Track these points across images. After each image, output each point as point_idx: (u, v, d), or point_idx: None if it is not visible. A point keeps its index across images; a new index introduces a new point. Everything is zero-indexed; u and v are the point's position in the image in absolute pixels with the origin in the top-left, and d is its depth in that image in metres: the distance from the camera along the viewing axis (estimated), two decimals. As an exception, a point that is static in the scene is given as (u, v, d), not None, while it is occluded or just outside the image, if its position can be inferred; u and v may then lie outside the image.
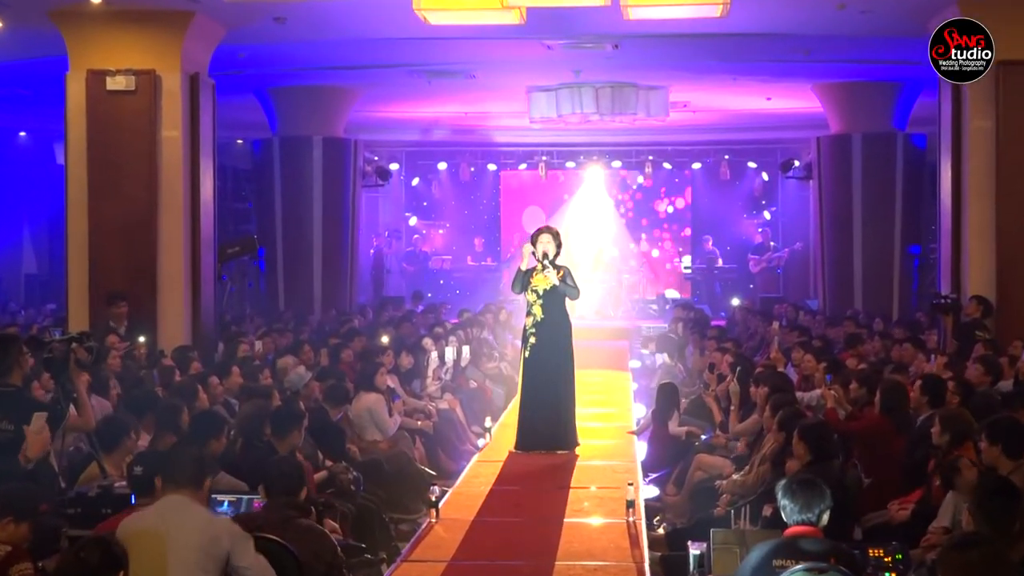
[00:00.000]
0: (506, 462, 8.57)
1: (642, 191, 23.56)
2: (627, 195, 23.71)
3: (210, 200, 11.85)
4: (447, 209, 24.06)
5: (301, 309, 16.15)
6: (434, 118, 20.07)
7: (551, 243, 8.82)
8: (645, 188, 23.42)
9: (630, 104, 15.98)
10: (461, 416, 11.01)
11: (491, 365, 13.61)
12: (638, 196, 23.65)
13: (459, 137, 22.15)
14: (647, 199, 23.66)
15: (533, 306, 8.82)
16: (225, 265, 14.55)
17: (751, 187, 23.27)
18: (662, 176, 23.30)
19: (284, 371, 9.88)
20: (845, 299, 16.50)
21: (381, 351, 10.74)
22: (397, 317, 15.21)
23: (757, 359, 11.21)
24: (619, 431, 10.01)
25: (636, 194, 23.65)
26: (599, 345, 16.73)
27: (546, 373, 8.75)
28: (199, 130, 11.49)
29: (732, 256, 22.43)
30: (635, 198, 23.71)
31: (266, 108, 17.18)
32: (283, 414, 6.78)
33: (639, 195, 23.65)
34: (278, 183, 17.08)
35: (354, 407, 9.20)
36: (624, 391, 12.67)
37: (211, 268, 11.88)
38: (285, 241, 17.03)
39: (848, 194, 16.63)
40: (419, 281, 22.08)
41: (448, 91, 16.89)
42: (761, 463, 7.16)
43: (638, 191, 23.60)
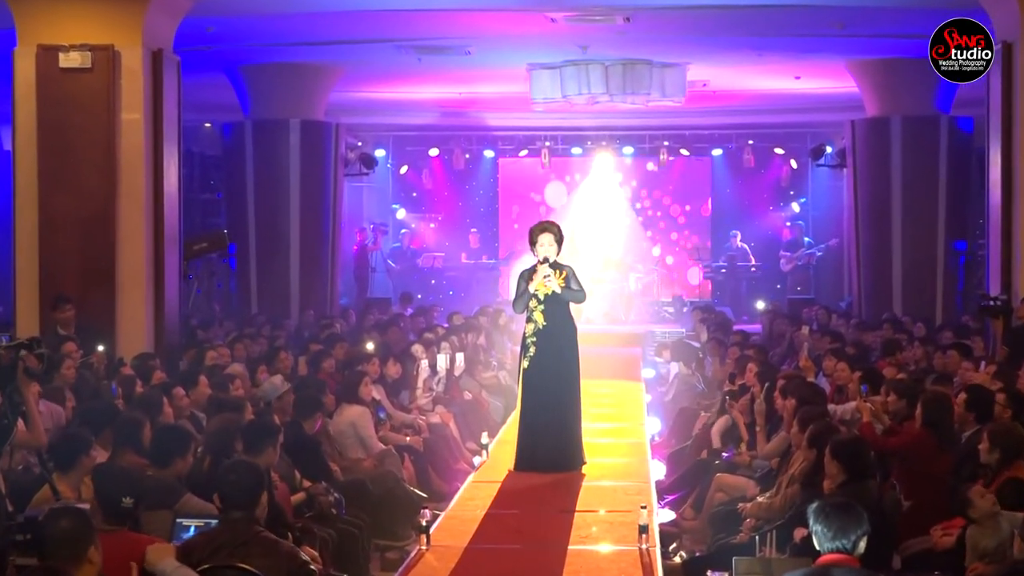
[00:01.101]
0: (504, 483, 8.56)
1: (656, 179, 23.58)
2: (639, 184, 23.73)
3: (175, 190, 11.85)
4: (439, 200, 24.08)
5: (276, 312, 16.15)
6: (425, 99, 20.07)
7: (552, 244, 8.77)
8: (660, 176, 23.43)
9: (643, 84, 15.99)
10: (455, 431, 10.99)
11: (488, 375, 13.60)
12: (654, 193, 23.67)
13: (452, 121, 22.16)
14: (662, 188, 23.68)
15: (534, 312, 8.78)
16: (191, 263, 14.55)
17: (778, 176, 23.28)
18: (679, 164, 23.31)
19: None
20: (882, 301, 16.51)
21: (366, 359, 10.73)
22: (383, 321, 15.20)
23: (784, 367, 11.21)
24: (630, 448, 10.01)
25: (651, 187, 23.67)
26: (608, 352, 16.71)
27: (548, 384, 8.73)
28: (162, 112, 11.48)
29: (757, 253, 22.46)
30: (649, 188, 23.73)
31: (237, 88, 17.18)
32: (256, 429, 6.78)
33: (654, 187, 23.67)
34: (251, 171, 17.08)
35: (335, 421, 9.19)
36: (636, 404, 12.66)
37: (176, 266, 11.88)
38: (258, 236, 17.04)
39: (886, 184, 16.64)
40: (408, 281, 22.08)
41: (440, 69, 16.90)
42: (789, 484, 7.16)
43: (652, 180, 23.62)
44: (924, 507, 6.89)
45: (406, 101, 20.23)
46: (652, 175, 23.63)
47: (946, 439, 7.32)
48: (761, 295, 20.76)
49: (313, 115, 17.27)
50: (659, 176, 23.55)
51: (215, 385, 8.79)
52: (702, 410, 11.65)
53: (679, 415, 12.14)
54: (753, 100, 20.15)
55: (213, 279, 19.10)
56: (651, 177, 23.68)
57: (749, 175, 23.16)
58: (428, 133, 23.27)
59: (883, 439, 7.50)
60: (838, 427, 7.39)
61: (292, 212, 17.01)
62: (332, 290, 17.62)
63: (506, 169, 24.12)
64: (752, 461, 8.67)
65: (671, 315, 21.27)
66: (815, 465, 6.67)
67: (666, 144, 22.51)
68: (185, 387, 8.47)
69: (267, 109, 17.05)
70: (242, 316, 16.29)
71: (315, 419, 8.25)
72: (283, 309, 16.59)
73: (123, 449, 6.56)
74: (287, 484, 7.22)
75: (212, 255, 16.87)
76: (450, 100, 20.03)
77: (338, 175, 17.71)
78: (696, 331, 15.55)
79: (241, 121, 17.29)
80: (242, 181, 17.16)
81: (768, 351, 12.41)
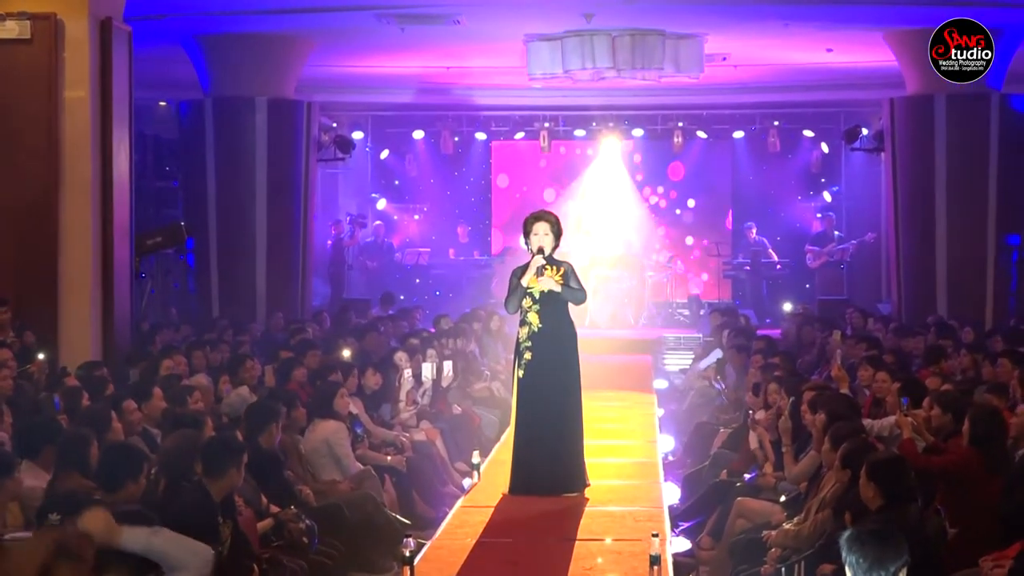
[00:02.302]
0: (498, 508, 8.56)
1: (670, 166, 23.61)
2: (651, 171, 23.76)
3: (126, 178, 11.85)
4: (424, 189, 24.09)
5: (240, 315, 16.14)
6: (408, 75, 20.06)
7: (548, 234, 8.78)
8: (674, 162, 23.46)
9: (655, 57, 15.99)
10: (442, 450, 11.00)
11: (480, 386, 13.61)
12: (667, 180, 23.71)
13: (439, 99, 22.17)
14: (676, 175, 23.71)
15: (528, 313, 8.78)
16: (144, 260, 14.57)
17: (807, 162, 23.31)
18: (695, 148, 23.35)
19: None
20: (925, 302, 16.54)
21: (342, 368, 10.74)
22: (362, 325, 15.20)
23: (814, 378, 11.22)
24: (640, 468, 10.02)
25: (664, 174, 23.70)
26: (615, 360, 16.72)
27: (546, 395, 8.73)
28: (111, 90, 11.48)
29: (783, 248, 22.48)
30: (661, 175, 23.76)
31: (196, 62, 17.17)
32: (217, 447, 6.78)
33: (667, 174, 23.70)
34: (211, 156, 17.08)
35: (308, 439, 9.19)
36: (647, 418, 12.67)
37: (127, 264, 11.87)
38: (220, 229, 17.04)
39: (929, 170, 16.66)
40: (389, 280, 22.08)
41: (426, 41, 16.89)
42: (819, 509, 7.17)
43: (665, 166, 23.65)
44: (972, 535, 6.90)
45: (387, 76, 20.22)
46: (665, 161, 23.65)
47: (997, 458, 7.33)
48: (787, 296, 20.79)
49: (282, 92, 17.27)
50: (673, 162, 23.56)
51: (171, 398, 8.79)
52: (721, 425, 11.66)
53: (695, 431, 12.16)
54: (779, 76, 20.16)
55: (168, 278, 19.09)
56: (664, 163, 23.70)
57: (775, 160, 23.19)
58: (412, 113, 23.25)
59: (926, 458, 7.51)
60: (875, 445, 7.40)
61: (258, 202, 17.01)
62: (303, 290, 17.62)
63: (500, 153, 24.14)
64: (778, 484, 8.68)
65: (686, 318, 21.29)
66: (849, 488, 6.68)
67: (681, 126, 22.52)
68: (137, 400, 8.47)
69: (229, 86, 17.04)
70: (202, 320, 16.28)
71: (271, 432, 8.20)
72: (248, 312, 16.59)
73: (67, 471, 6.56)
74: (253, 509, 7.22)
75: (168, 251, 16.87)
76: (437, 76, 20.03)
77: (310, 160, 17.70)
78: (714, 337, 15.57)
79: (200, 99, 17.28)
80: (201, 167, 17.15)
81: (796, 359, 12.42)
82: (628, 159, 23.69)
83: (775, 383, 9.82)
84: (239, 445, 6.96)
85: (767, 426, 9.36)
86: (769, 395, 9.77)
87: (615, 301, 20.97)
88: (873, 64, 18.38)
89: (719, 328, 15.50)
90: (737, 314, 17.22)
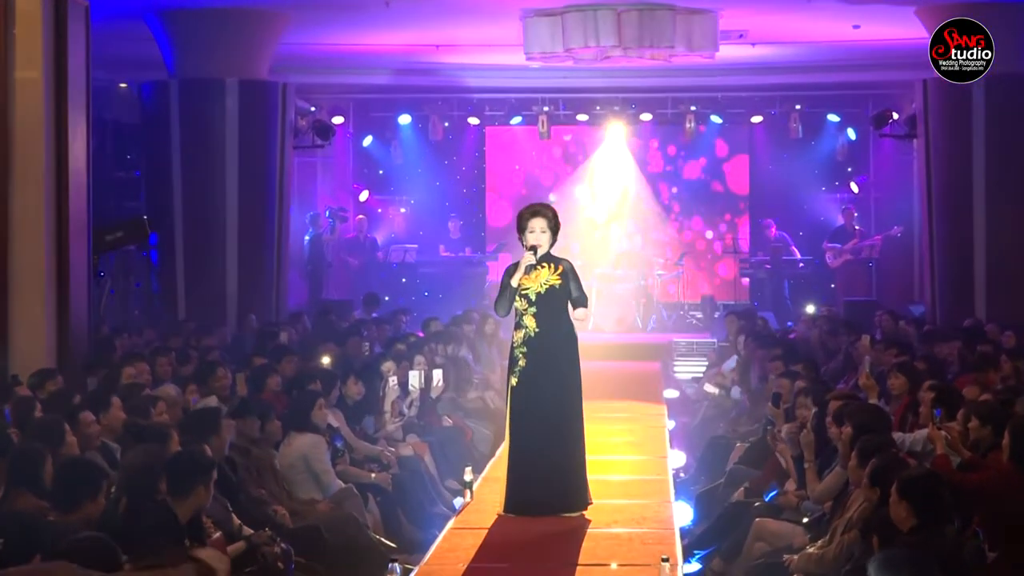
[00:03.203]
0: (492, 529, 8.57)
1: (682, 153, 23.62)
2: (661, 160, 23.77)
3: (83, 166, 11.83)
4: (412, 180, 24.07)
5: (209, 318, 16.13)
6: (394, 53, 20.05)
7: (544, 231, 8.78)
8: (686, 150, 23.47)
9: (665, 34, 15.97)
10: (431, 466, 10.99)
11: (473, 396, 13.60)
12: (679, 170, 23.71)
13: (428, 80, 22.15)
14: (688, 164, 23.72)
15: (523, 316, 8.78)
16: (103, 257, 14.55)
17: (832, 149, 23.31)
18: (710, 134, 23.34)
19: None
20: (962, 304, 16.52)
21: (321, 376, 10.74)
22: (343, 329, 15.18)
23: (840, 387, 11.22)
24: (648, 486, 10.02)
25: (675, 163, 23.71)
26: (621, 368, 16.74)
27: (544, 407, 8.73)
28: (66, 70, 11.46)
29: (806, 245, 22.48)
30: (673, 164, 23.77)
31: (160, 39, 17.15)
32: (184, 464, 6.78)
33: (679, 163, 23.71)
34: (177, 143, 17.05)
35: (283, 453, 9.19)
36: (656, 431, 12.68)
37: (84, 261, 11.86)
38: (187, 223, 17.01)
39: (967, 158, 16.65)
40: (372, 279, 22.07)
41: (413, 15, 16.87)
42: (846, 530, 7.17)
43: (676, 154, 23.66)
44: (1013, 559, 6.90)
45: (371, 55, 20.21)
46: (676, 148, 23.67)
47: (1040, 475, 7.34)
48: (811, 297, 20.79)
49: (254, 73, 17.25)
50: (685, 149, 23.57)
51: (133, 409, 8.78)
52: (737, 439, 11.67)
53: (709, 446, 12.17)
54: (801, 54, 20.15)
55: (130, 277, 19.05)
56: (675, 150, 23.72)
57: (796, 148, 23.18)
58: (398, 96, 23.25)
59: (962, 475, 7.51)
60: (907, 460, 7.40)
61: (228, 194, 16.98)
62: (278, 291, 17.61)
63: (495, 140, 24.13)
64: (800, 503, 8.68)
65: (700, 322, 21.29)
66: (878, 508, 6.68)
67: (694, 110, 22.51)
68: (95, 411, 8.46)
69: (197, 66, 17.02)
70: (166, 323, 16.27)
71: (215, 442, 8.13)
72: (218, 314, 16.57)
73: (17, 489, 6.55)
74: (223, 531, 7.21)
75: (129, 247, 16.83)
76: (425, 54, 20.01)
77: (286, 148, 17.68)
78: (731, 342, 15.58)
79: (164, 81, 17.25)
80: (166, 155, 17.12)
81: (820, 366, 12.43)
82: (635, 146, 23.68)
83: (802, 382, 9.82)
84: (208, 461, 6.97)
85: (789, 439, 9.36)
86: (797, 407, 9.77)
87: (621, 303, 20.98)
88: (904, 42, 18.36)
89: (735, 332, 15.51)
90: (755, 317, 17.23)
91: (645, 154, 23.81)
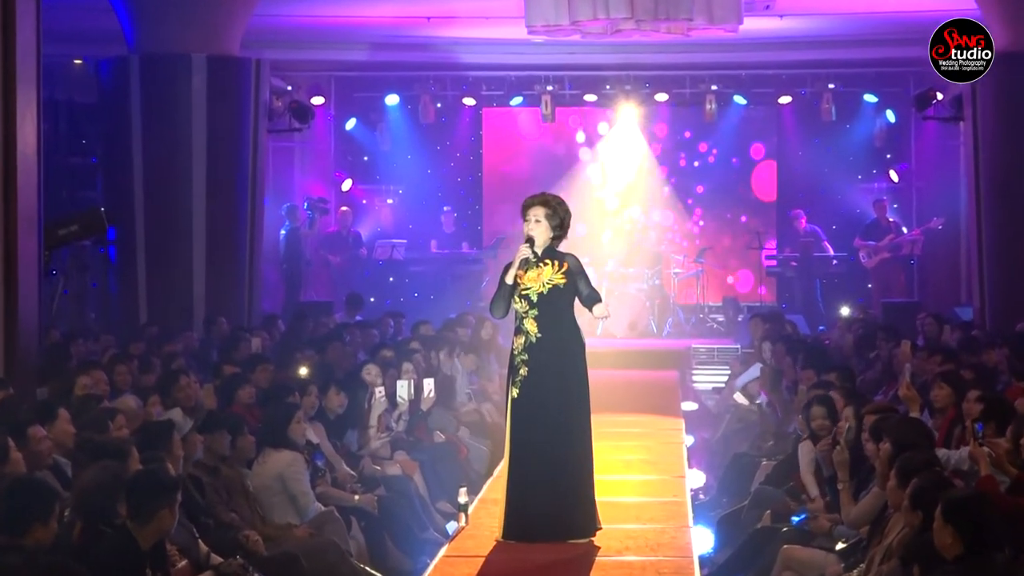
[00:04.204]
0: (489, 558, 8.57)
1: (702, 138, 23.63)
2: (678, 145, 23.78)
3: (33, 152, 11.81)
4: (400, 167, 24.07)
5: (174, 321, 16.13)
6: (380, 26, 20.04)
7: (542, 222, 8.76)
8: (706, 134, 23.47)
9: (683, 5, 15.96)
10: (421, 487, 10.99)
11: (468, 408, 13.60)
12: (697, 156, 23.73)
13: (418, 56, 22.15)
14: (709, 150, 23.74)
15: (524, 319, 8.77)
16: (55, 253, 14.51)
17: (869, 133, 23.31)
18: (732, 116, 23.35)
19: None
20: (1014, 306, 16.51)
21: (299, 387, 10.74)
22: (323, 334, 15.18)
23: (878, 399, 11.22)
24: (664, 509, 10.03)
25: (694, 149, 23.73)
26: (634, 377, 16.74)
27: (547, 421, 8.73)
28: (14, 45, 11.43)
29: (839, 240, 22.47)
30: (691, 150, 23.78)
31: (119, 10, 17.15)
32: (146, 484, 6.77)
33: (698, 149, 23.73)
34: (138, 126, 17.03)
35: (257, 473, 9.19)
36: (673, 448, 12.69)
37: (34, 258, 11.84)
38: (149, 216, 17.00)
39: (1020, 142, 16.65)
40: (356, 278, 22.07)
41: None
42: (884, 559, 7.17)
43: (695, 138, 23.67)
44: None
45: (354, 28, 20.21)
46: (696, 132, 23.69)
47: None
48: (845, 298, 20.79)
49: (224, 48, 17.23)
50: (705, 133, 23.59)
51: (88, 423, 8.77)
52: (764, 457, 11.67)
53: (732, 464, 12.17)
54: (835, 28, 20.14)
55: (86, 275, 19.05)
56: (694, 135, 23.74)
57: (829, 132, 23.18)
58: (384, 74, 23.24)
59: (1012, 497, 7.51)
60: (952, 480, 7.40)
61: (196, 183, 16.96)
62: (251, 291, 17.60)
63: (492, 123, 24.13)
64: (833, 528, 8.69)
65: (721, 325, 21.29)
66: (920, 533, 6.68)
67: (715, 89, 22.50)
68: (46, 424, 8.45)
69: (160, 40, 17.01)
70: (126, 327, 16.27)
71: (167, 458, 8.13)
72: (183, 317, 16.56)
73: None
74: (189, 559, 7.21)
75: (84, 242, 16.81)
76: (415, 27, 20.01)
77: (259, 132, 17.67)
78: (756, 348, 15.57)
79: (124, 57, 17.24)
80: (126, 140, 17.11)
81: (855, 376, 12.44)
82: (649, 130, 23.67)
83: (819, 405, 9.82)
84: (172, 481, 6.96)
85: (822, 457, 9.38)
86: (814, 420, 9.78)
87: (633, 304, 20.98)
88: (950, 11, 18.34)
89: (760, 338, 15.51)
90: (783, 320, 17.22)
91: (660, 139, 23.81)
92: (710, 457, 13.63)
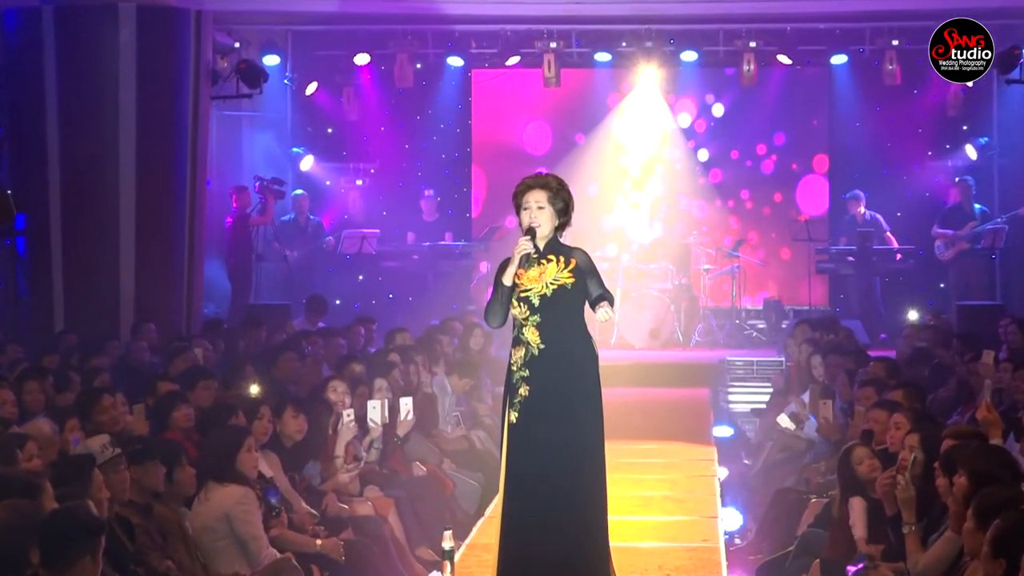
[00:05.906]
0: (482, 615, 8.60)
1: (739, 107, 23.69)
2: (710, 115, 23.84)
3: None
4: (372, 141, 24.11)
5: (95, 328, 16.15)
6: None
7: (545, 208, 8.75)
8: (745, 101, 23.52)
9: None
10: (397, 529, 11.01)
11: (455, 434, 13.61)
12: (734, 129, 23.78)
13: (393, 7, 22.16)
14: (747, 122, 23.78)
15: (524, 327, 8.75)
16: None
17: (941, 100, 23.31)
18: (775, 80, 23.37)
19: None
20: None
21: (247, 408, 10.74)
22: (277, 344, 15.19)
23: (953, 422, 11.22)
24: (694, 557, 10.06)
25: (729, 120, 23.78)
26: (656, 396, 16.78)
27: (550, 451, 8.72)
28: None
29: (904, 230, 22.46)
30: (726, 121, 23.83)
31: (30, -49, 17.21)
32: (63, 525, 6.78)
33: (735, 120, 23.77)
34: (53, 91, 17.07)
35: (198, 512, 9.19)
36: (703, 482, 12.74)
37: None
38: (66, 200, 17.03)
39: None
40: (317, 277, 22.09)
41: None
42: (960, 616, 7.19)
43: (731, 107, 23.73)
44: None
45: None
46: (731, 99, 23.76)
47: None
48: (912, 300, 20.81)
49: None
50: (743, 100, 23.65)
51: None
52: (812, 494, 11.68)
53: (775, 502, 12.17)
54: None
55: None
56: (730, 102, 23.80)
57: (893, 98, 23.21)
58: (352, 27, 23.23)
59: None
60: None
61: (123, 161, 16.99)
62: (190, 291, 17.62)
63: (483, 87, 24.18)
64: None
65: (762, 333, 21.31)
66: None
67: (753, 47, 22.49)
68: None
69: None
70: (38, 335, 16.28)
71: (89, 497, 8.14)
72: (108, 323, 16.59)
73: None
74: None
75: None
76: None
77: (200, 98, 17.70)
78: (804, 362, 15.58)
79: (36, 7, 17.26)
80: (39, 107, 17.14)
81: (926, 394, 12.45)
82: (673, 97, 23.71)
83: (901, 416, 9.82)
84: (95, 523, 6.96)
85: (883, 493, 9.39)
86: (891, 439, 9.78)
87: (655, 309, 20.99)
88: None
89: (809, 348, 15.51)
90: (836, 327, 17.22)
91: (687, 107, 23.84)
92: (748, 494, 13.64)
